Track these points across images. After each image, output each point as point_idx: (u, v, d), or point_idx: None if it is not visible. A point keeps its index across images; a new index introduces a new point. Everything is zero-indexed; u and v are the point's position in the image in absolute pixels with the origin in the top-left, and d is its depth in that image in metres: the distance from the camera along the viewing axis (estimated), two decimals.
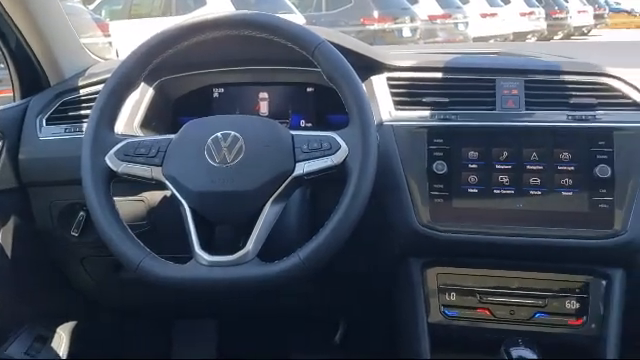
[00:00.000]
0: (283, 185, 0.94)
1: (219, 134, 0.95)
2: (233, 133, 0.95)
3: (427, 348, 1.13)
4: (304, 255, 0.90)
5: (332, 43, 0.98)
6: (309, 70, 1.08)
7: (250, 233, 0.92)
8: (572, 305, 1.09)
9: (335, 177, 0.94)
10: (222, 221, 0.99)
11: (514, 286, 1.11)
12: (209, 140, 0.95)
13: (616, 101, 1.07)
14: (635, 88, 1.07)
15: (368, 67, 1.16)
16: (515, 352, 1.02)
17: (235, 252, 0.92)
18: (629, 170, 1.03)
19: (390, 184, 1.09)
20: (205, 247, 0.93)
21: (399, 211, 1.09)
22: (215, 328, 1.74)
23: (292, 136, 0.96)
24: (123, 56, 1.05)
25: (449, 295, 1.12)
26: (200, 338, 1.74)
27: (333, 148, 0.93)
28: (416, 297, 1.13)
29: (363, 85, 0.97)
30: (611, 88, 1.08)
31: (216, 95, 1.30)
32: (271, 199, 0.93)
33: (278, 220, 0.96)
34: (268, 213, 0.93)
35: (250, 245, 0.92)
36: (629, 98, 1.07)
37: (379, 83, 1.16)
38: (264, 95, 1.28)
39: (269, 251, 0.93)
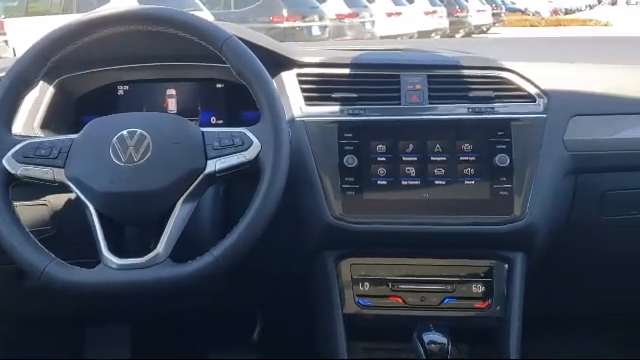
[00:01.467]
0: (194, 183, 0.92)
1: (125, 132, 0.92)
2: (140, 131, 0.93)
3: (343, 338, 1.15)
4: (218, 253, 0.90)
5: (240, 39, 0.97)
6: (218, 66, 1.06)
7: (161, 234, 0.90)
8: (478, 289, 1.14)
9: (248, 173, 0.94)
10: (131, 222, 0.97)
11: (424, 273, 1.15)
12: (114, 139, 0.92)
13: (512, 93, 1.13)
14: (529, 81, 1.14)
15: (278, 63, 1.16)
16: (427, 337, 1.06)
17: (146, 254, 0.90)
18: (526, 158, 1.09)
19: (303, 179, 1.10)
20: (114, 250, 0.91)
21: (312, 205, 1.11)
22: (128, 333, 1.69)
23: (202, 133, 0.95)
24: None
25: (363, 285, 1.15)
26: (113, 344, 1.68)
27: (245, 144, 0.93)
28: (331, 289, 1.15)
29: (273, 81, 0.98)
30: (507, 81, 1.14)
31: (121, 93, 1.26)
32: (182, 198, 0.92)
33: (191, 219, 0.95)
34: (179, 212, 0.92)
35: (161, 246, 0.90)
36: (524, 90, 1.13)
37: (289, 79, 1.16)
38: (172, 92, 1.26)
39: (182, 251, 0.92)
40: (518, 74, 1.14)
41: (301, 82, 1.16)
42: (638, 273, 1.40)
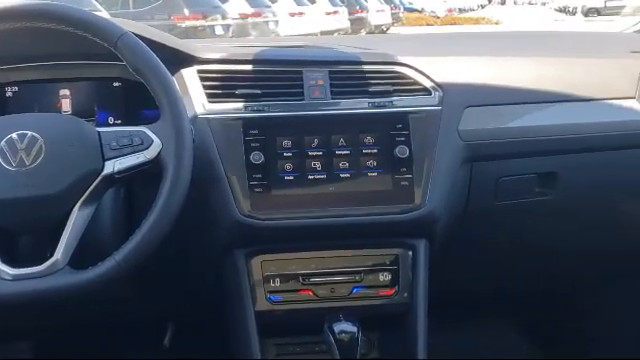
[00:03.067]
0: (92, 186, 0.89)
1: (14, 135, 0.87)
2: (30, 133, 0.88)
3: (255, 336, 1.15)
4: (120, 257, 0.87)
5: (137, 35, 0.94)
6: (115, 64, 1.03)
7: (59, 240, 0.86)
8: (385, 277, 1.17)
9: (150, 173, 0.91)
10: (25, 230, 0.92)
11: (333, 265, 1.17)
12: (2, 142, 0.87)
13: (409, 87, 1.17)
14: (424, 75, 1.18)
15: (177, 60, 1.14)
16: (337, 327, 1.08)
17: (43, 262, 0.85)
18: (424, 149, 1.13)
19: (209, 177, 1.08)
20: (7, 260, 0.86)
21: (220, 203, 1.09)
22: (31, 349, 1.60)
23: (98, 133, 0.91)
24: None
25: (274, 281, 1.15)
26: None
27: (145, 143, 0.90)
28: (242, 287, 1.15)
29: (173, 78, 0.96)
30: (404, 76, 1.18)
31: (9, 94, 1.18)
32: (79, 202, 0.88)
33: (91, 223, 0.91)
34: (77, 217, 0.88)
35: (59, 253, 0.86)
36: (420, 84, 1.17)
37: (190, 76, 1.14)
38: (65, 92, 1.20)
39: (84, 257, 0.88)
40: (414, 68, 1.18)
41: (203, 79, 1.14)
42: (531, 255, 1.50)
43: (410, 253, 1.18)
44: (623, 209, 1.43)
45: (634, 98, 1.29)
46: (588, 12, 23.80)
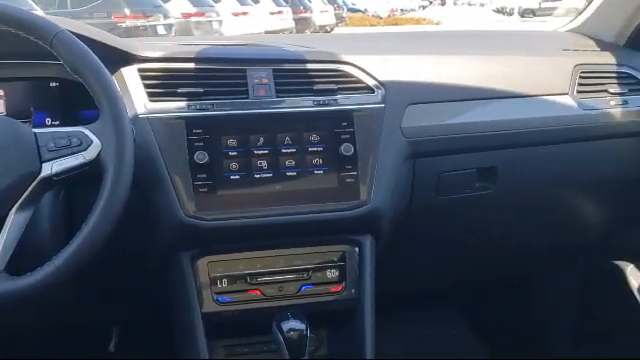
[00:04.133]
0: (29, 189, 0.86)
1: None
2: None
3: (203, 339, 1.13)
4: (60, 262, 0.84)
5: (74, 33, 0.92)
6: (51, 63, 1.00)
7: None
8: (333, 274, 1.18)
9: (90, 175, 0.89)
10: None
11: (281, 264, 1.16)
12: None
13: (353, 85, 1.18)
14: (367, 73, 1.19)
15: (117, 59, 1.11)
16: (285, 325, 1.07)
17: None
18: (369, 146, 1.14)
19: (152, 178, 1.06)
20: None
21: (164, 204, 1.07)
22: None
23: (35, 134, 0.88)
24: None
25: (221, 282, 1.14)
26: None
27: (84, 144, 0.88)
28: (188, 290, 1.13)
29: (113, 77, 0.93)
30: (348, 74, 1.18)
31: None
32: (15, 206, 0.85)
33: (29, 228, 0.88)
34: (13, 221, 0.85)
35: None
36: (363, 82, 1.18)
37: (130, 75, 1.12)
38: None
39: (23, 263, 0.85)
40: (358, 67, 1.19)
41: (143, 77, 1.11)
42: (474, 248, 1.54)
43: (357, 249, 1.19)
44: (559, 202, 1.49)
45: (567, 94, 1.34)
46: (524, 13, 24.71)
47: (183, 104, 1.10)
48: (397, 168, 1.18)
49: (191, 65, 1.15)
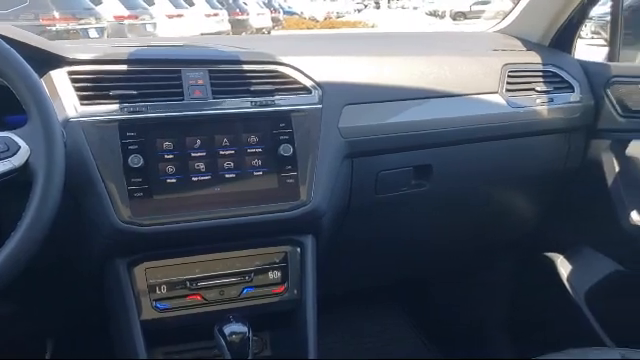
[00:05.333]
0: None
1: None
2: None
3: (142, 347, 1.11)
4: None
5: None
6: None
7: None
8: (275, 275, 1.18)
9: (19, 181, 0.85)
10: None
11: (221, 268, 1.15)
12: None
13: (290, 86, 1.18)
14: (304, 74, 1.20)
15: (45, 61, 1.07)
16: (227, 329, 1.06)
17: None
18: (307, 147, 1.15)
19: (84, 183, 1.03)
20: None
21: (98, 210, 1.04)
22: None
23: None
24: None
25: (160, 289, 1.12)
26: None
27: (11, 149, 0.84)
28: (125, 297, 1.10)
29: (41, 80, 0.90)
30: (285, 75, 1.19)
31: None
32: None
33: None
34: None
35: None
36: (300, 83, 1.19)
37: (60, 78, 1.08)
38: None
39: None
40: (294, 68, 1.20)
41: (74, 80, 1.08)
42: (412, 245, 1.57)
43: (298, 249, 1.19)
44: (491, 197, 1.54)
45: (497, 93, 1.39)
46: (456, 16, 25.51)
47: (116, 107, 1.07)
48: (336, 168, 1.19)
49: (124, 67, 1.12)
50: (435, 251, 1.66)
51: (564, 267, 1.63)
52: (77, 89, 1.07)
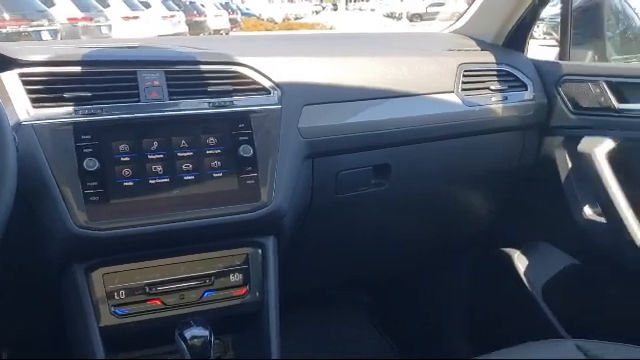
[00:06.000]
0: None
1: None
2: None
3: (101, 353, 1.08)
4: None
5: None
6: None
7: None
8: (236, 278, 1.17)
9: None
10: None
11: (181, 271, 1.14)
12: None
13: (249, 87, 1.17)
14: (263, 74, 1.19)
15: None
16: (188, 333, 1.05)
17: None
18: (267, 148, 1.14)
19: (39, 188, 1.00)
20: None
21: (52, 216, 1.02)
22: None
23: None
24: None
25: (118, 294, 1.10)
26: None
27: None
28: (83, 303, 1.07)
29: None
30: (243, 75, 1.18)
31: None
32: None
33: None
34: None
35: None
36: (259, 84, 1.18)
37: (10, 80, 1.05)
38: None
39: None
40: (253, 68, 1.19)
41: (25, 83, 1.05)
42: (373, 245, 1.58)
43: (260, 251, 1.18)
44: (449, 195, 1.56)
45: (453, 92, 1.41)
46: (412, 17, 25.92)
47: (70, 109, 1.05)
48: (296, 168, 1.19)
49: (77, 68, 1.10)
50: (395, 250, 1.68)
51: (521, 262, 1.67)
52: (29, 91, 1.04)
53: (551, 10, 1.77)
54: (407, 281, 2.00)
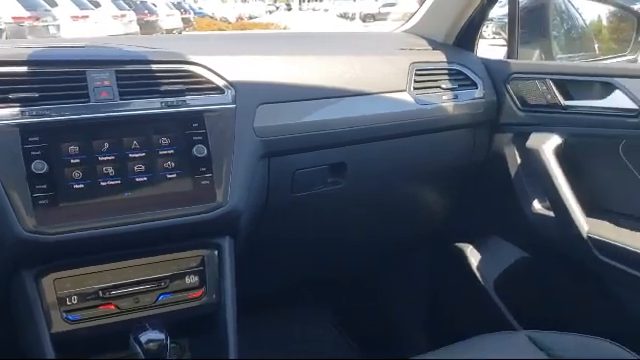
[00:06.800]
0: None
1: None
2: None
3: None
4: None
5: None
6: None
7: None
8: (192, 280, 1.16)
9: None
10: None
11: (136, 275, 1.12)
12: None
13: (202, 86, 1.16)
14: (216, 73, 1.18)
15: None
16: (143, 337, 1.03)
17: None
18: (222, 147, 1.13)
19: None
20: None
21: (0, 221, 0.98)
22: None
23: None
24: None
25: (70, 299, 1.07)
26: None
27: None
28: (33, 309, 1.04)
29: None
30: (196, 74, 1.16)
31: None
32: None
33: None
34: None
35: None
36: (212, 83, 1.17)
37: None
38: None
39: None
40: (206, 67, 1.18)
41: None
42: (330, 244, 1.59)
43: (216, 252, 1.17)
44: (404, 193, 1.58)
45: (405, 91, 1.43)
46: (365, 17, 26.19)
47: (16, 110, 1.01)
48: (252, 168, 1.19)
49: (23, 69, 1.06)
50: (353, 249, 1.69)
51: (474, 257, 1.71)
52: None
53: (500, 10, 1.81)
54: (366, 280, 2.01)
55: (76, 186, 1.03)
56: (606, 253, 1.33)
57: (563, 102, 1.41)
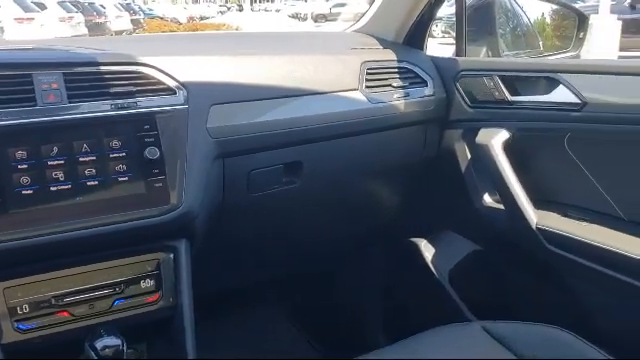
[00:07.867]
0: None
1: None
2: None
3: None
4: None
5: None
6: None
7: None
8: (147, 284, 1.14)
9: None
10: None
11: (90, 281, 1.10)
12: None
13: (153, 87, 1.15)
14: (167, 74, 1.17)
15: None
16: (99, 343, 1.02)
17: None
18: (175, 149, 1.12)
19: None
20: None
21: None
22: None
23: None
24: None
25: (22, 308, 1.04)
26: None
27: None
28: None
29: None
30: (147, 76, 1.15)
31: None
32: None
33: None
34: None
35: None
36: (164, 84, 1.16)
37: None
38: None
39: None
40: (156, 68, 1.17)
41: None
42: (288, 242, 1.59)
43: (171, 255, 1.16)
44: (358, 190, 1.60)
45: (357, 89, 1.45)
46: (317, 18, 26.32)
47: None
48: (206, 169, 1.18)
49: None
50: (311, 246, 1.70)
51: (428, 251, 1.74)
52: None
53: (449, 10, 1.85)
54: (323, 277, 2.02)
55: (25, 192, 1.00)
56: (554, 243, 1.37)
57: (510, 97, 1.45)
